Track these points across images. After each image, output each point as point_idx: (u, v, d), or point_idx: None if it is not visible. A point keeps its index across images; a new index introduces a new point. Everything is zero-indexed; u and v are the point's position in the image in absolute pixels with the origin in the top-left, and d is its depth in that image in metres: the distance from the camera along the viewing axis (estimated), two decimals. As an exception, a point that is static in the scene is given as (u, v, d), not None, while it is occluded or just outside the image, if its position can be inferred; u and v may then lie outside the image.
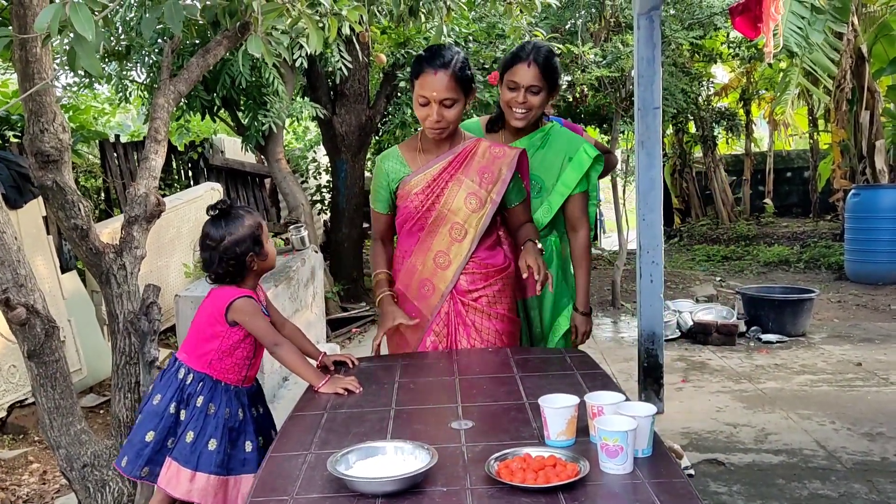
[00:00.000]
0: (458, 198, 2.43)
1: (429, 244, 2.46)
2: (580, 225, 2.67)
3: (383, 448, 1.54)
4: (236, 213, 2.24)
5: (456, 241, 2.44)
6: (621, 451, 1.43)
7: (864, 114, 8.96)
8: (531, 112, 2.58)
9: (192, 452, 2.16)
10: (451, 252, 2.44)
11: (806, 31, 6.08)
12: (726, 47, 10.67)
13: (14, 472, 3.78)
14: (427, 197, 2.43)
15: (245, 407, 2.27)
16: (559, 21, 8.60)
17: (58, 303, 4.56)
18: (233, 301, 2.18)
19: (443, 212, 2.43)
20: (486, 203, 2.43)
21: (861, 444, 3.63)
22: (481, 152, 2.46)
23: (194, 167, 7.87)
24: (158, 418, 2.20)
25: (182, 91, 2.98)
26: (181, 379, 2.22)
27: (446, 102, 2.32)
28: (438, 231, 2.45)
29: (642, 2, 3.86)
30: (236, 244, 2.20)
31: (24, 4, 2.49)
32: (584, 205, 2.67)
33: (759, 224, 12.66)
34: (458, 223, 2.43)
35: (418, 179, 2.44)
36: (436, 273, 2.46)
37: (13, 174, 4.41)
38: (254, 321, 2.19)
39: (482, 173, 2.43)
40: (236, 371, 2.25)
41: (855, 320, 6.48)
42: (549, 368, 2.17)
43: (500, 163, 2.45)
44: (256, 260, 2.24)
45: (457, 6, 3.89)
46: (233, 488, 2.22)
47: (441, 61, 2.30)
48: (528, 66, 2.52)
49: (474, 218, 2.43)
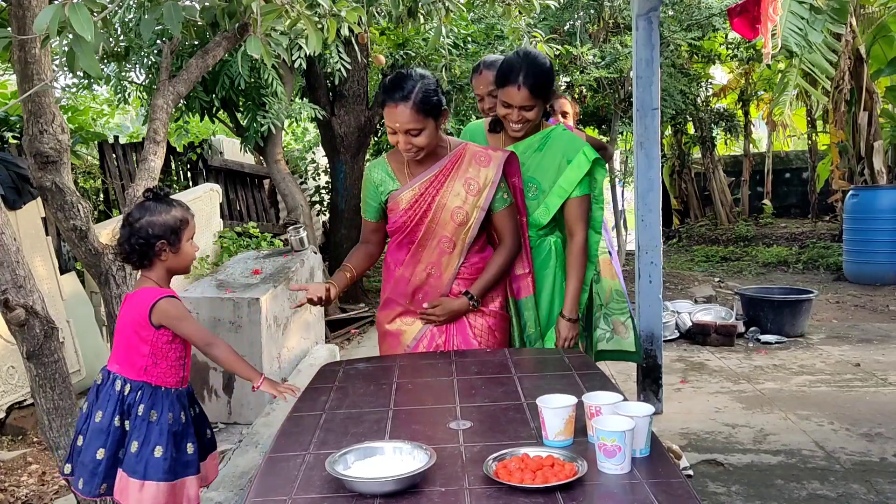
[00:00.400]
0: (444, 213, 2.45)
1: (419, 257, 2.50)
2: (576, 229, 2.64)
3: (382, 448, 1.54)
4: (167, 202, 2.23)
5: (446, 252, 2.48)
6: (619, 451, 1.44)
7: (863, 115, 8.97)
8: (528, 124, 2.60)
9: (137, 462, 2.14)
10: (442, 263, 2.49)
11: (805, 31, 6.09)
12: (725, 48, 10.69)
13: (13, 474, 3.78)
14: (415, 213, 2.46)
15: (185, 409, 2.26)
16: (558, 22, 8.61)
17: (57, 304, 4.56)
18: (155, 303, 2.15)
19: (431, 227, 2.46)
20: (472, 214, 2.45)
21: (859, 445, 3.63)
22: (467, 161, 2.47)
23: (193, 168, 7.86)
24: (105, 434, 2.17)
25: (181, 92, 2.98)
26: (119, 391, 2.19)
27: (412, 132, 2.33)
28: (428, 244, 2.49)
29: (641, 3, 3.87)
30: (151, 226, 2.18)
31: (23, 5, 2.49)
32: (582, 209, 2.64)
33: (757, 225, 12.67)
34: (446, 237, 2.47)
35: (406, 195, 2.46)
36: (428, 282, 2.50)
37: (12, 175, 4.41)
38: (181, 324, 2.17)
39: (468, 183, 2.45)
40: (173, 374, 2.23)
41: (853, 321, 6.49)
42: (547, 369, 2.17)
43: (486, 170, 2.46)
44: (168, 251, 2.20)
45: (455, 7, 3.89)
46: (179, 491, 2.21)
47: (401, 94, 2.30)
48: (517, 89, 2.51)
49: (461, 231, 2.47)
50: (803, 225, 12.36)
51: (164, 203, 2.23)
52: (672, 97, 8.74)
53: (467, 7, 6.52)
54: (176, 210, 2.23)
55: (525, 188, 2.63)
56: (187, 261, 2.28)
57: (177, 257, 2.24)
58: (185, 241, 2.24)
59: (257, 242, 6.29)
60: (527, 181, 2.64)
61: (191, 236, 2.26)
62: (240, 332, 4.17)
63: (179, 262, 2.25)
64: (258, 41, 2.18)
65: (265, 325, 4.22)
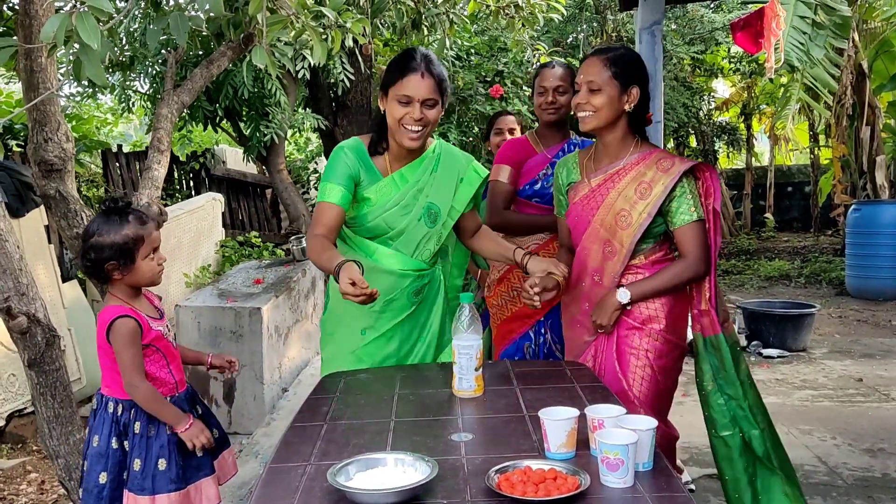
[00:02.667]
0: (610, 215, 2.39)
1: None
2: (480, 222, 2.54)
3: (383, 460, 1.54)
4: (122, 219, 2.13)
5: (609, 258, 2.44)
6: (622, 464, 1.43)
7: (865, 129, 8.99)
8: (427, 129, 2.27)
9: (143, 479, 2.12)
10: (605, 268, 2.43)
11: (807, 46, 6.10)
12: (727, 62, 10.74)
13: (12, 482, 3.76)
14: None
15: (186, 412, 2.23)
16: (561, 35, 8.65)
17: (58, 312, 4.56)
18: (112, 322, 2.11)
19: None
20: (638, 220, 2.37)
21: (862, 460, 3.61)
22: (649, 164, 2.39)
23: (196, 177, 7.89)
24: (105, 458, 2.15)
25: (185, 101, 3.00)
26: (112, 413, 2.17)
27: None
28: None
29: (644, 17, 3.89)
30: (97, 248, 2.10)
31: (30, 14, 2.51)
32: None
33: (759, 238, 12.68)
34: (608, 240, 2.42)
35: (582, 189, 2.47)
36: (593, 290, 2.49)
37: (15, 183, 4.43)
38: (122, 351, 2.10)
39: (641, 187, 2.37)
40: (160, 384, 2.20)
41: (856, 336, 6.47)
42: (549, 381, 2.16)
43: (665, 177, 2.33)
44: (123, 271, 2.13)
45: (459, 20, 3.91)
46: (195, 496, 2.20)
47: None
48: (421, 76, 2.21)
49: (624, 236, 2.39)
50: (805, 239, 12.36)
51: (117, 219, 2.12)
52: (675, 110, 8.77)
53: (471, 19, 6.54)
54: (128, 227, 2.11)
55: (427, 218, 2.35)
56: (146, 277, 2.18)
57: (133, 275, 2.15)
58: (142, 259, 2.14)
59: (259, 252, 6.29)
60: (427, 208, 2.35)
61: (149, 252, 2.16)
62: (241, 342, 4.16)
63: (137, 279, 2.17)
64: (263, 51, 2.19)
65: (266, 334, 4.22)
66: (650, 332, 2.36)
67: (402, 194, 2.31)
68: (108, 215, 2.15)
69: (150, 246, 2.18)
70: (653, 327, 2.37)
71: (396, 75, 2.22)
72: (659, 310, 2.37)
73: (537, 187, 3.00)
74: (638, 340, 2.36)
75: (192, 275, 5.62)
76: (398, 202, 2.31)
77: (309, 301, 4.94)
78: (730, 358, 2.41)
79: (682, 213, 2.33)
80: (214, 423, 2.39)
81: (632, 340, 2.37)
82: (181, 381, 2.27)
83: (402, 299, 2.37)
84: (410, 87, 2.20)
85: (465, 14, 4.01)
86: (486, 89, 6.58)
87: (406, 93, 2.20)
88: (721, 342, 2.40)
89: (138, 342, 2.13)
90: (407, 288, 2.37)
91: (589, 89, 2.32)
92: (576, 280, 2.46)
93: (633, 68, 2.34)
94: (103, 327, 2.13)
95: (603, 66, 2.31)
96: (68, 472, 2.62)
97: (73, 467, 2.62)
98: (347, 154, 2.29)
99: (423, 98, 2.21)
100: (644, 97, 2.37)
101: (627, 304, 2.34)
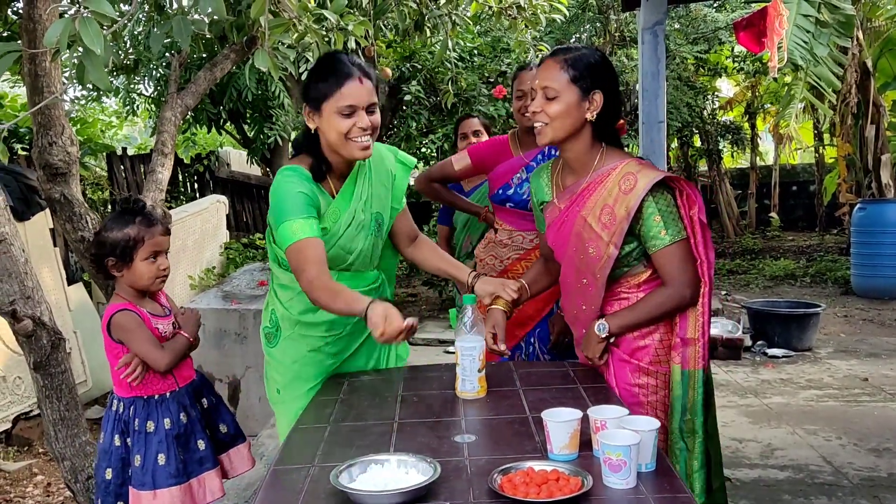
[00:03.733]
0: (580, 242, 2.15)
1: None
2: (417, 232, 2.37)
3: (386, 461, 1.54)
4: (130, 218, 2.16)
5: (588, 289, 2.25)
6: (624, 465, 1.43)
7: (870, 128, 8.96)
8: (375, 135, 2.10)
9: (144, 474, 2.15)
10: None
11: (811, 44, 6.09)
12: (731, 61, 10.71)
13: (18, 484, 3.78)
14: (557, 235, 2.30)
15: (187, 407, 2.25)
16: (564, 35, 8.65)
17: (64, 315, 4.57)
18: (111, 317, 2.15)
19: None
20: (605, 253, 2.12)
21: (868, 460, 3.60)
22: (613, 181, 2.12)
23: (200, 180, 7.91)
24: (108, 455, 2.20)
25: (189, 104, 3.01)
26: (115, 410, 2.21)
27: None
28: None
29: (647, 16, 3.89)
30: (100, 243, 2.16)
31: (34, 19, 2.52)
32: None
33: (764, 238, 12.65)
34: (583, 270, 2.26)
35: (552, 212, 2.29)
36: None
37: (21, 186, 4.45)
38: (132, 339, 2.13)
39: (604, 213, 2.12)
40: (159, 379, 2.21)
41: (861, 335, 6.45)
42: (552, 382, 2.16)
43: (627, 199, 2.06)
44: (120, 268, 2.16)
45: (462, 21, 3.92)
46: (198, 490, 2.22)
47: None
48: (360, 81, 2.04)
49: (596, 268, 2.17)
50: (810, 238, 12.32)
51: (124, 219, 2.17)
52: (678, 110, 8.76)
53: (473, 20, 6.55)
54: (132, 227, 2.14)
55: (375, 229, 2.21)
56: (142, 279, 2.19)
57: (130, 275, 2.18)
58: (140, 260, 2.16)
59: (263, 254, 6.31)
60: (374, 219, 2.19)
61: (149, 255, 2.17)
62: (245, 344, 4.17)
63: (133, 279, 2.19)
64: (266, 54, 2.20)
65: (271, 336, 4.22)
66: (638, 365, 2.12)
67: (350, 212, 2.14)
68: (122, 214, 2.20)
69: (151, 249, 2.18)
70: (641, 359, 2.12)
71: (332, 86, 2.02)
72: (647, 339, 2.12)
73: (510, 192, 2.89)
74: (629, 375, 2.12)
75: (196, 277, 5.64)
76: (349, 222, 2.14)
77: (313, 303, 4.95)
78: (700, 402, 2.09)
79: (654, 237, 2.05)
80: (227, 418, 2.40)
81: (623, 374, 2.13)
82: (183, 377, 2.28)
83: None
84: (353, 96, 2.01)
85: (467, 15, 4.02)
86: (489, 90, 6.59)
87: (348, 103, 2.01)
88: (698, 380, 2.09)
89: (144, 326, 2.17)
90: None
91: (545, 96, 2.06)
92: (567, 304, 2.28)
93: (595, 71, 2.05)
94: (103, 322, 2.18)
95: (560, 70, 2.04)
96: (74, 475, 2.63)
97: (79, 469, 2.63)
98: (302, 184, 2.06)
99: (367, 104, 2.04)
100: (612, 103, 2.09)
101: (608, 336, 2.12)
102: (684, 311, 2.10)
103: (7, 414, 4.18)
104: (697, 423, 2.09)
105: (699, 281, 2.08)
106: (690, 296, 2.07)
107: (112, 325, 2.15)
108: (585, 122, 2.07)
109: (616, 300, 2.16)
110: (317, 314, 2.16)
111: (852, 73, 8.54)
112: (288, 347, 2.24)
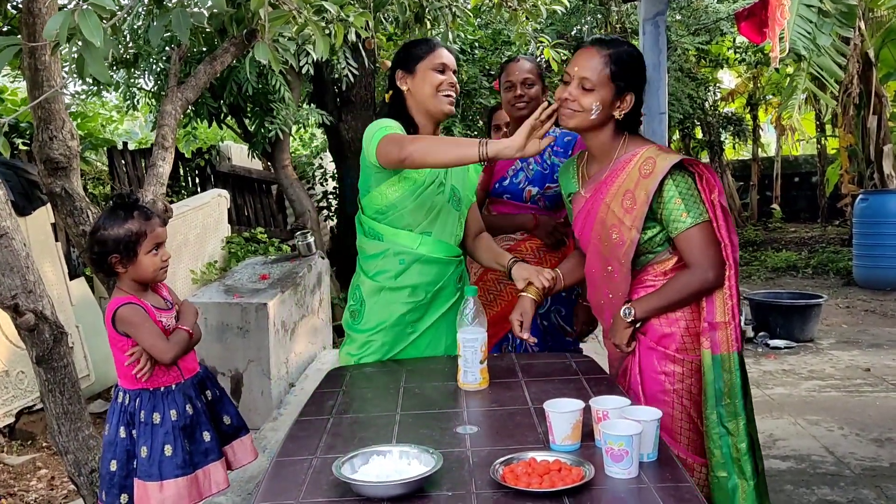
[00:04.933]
0: (603, 229, 2.25)
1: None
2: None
3: (389, 452, 1.54)
4: (126, 214, 2.17)
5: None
6: (626, 455, 1.43)
7: (872, 118, 8.94)
8: (456, 97, 2.49)
9: (150, 465, 2.15)
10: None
11: (813, 34, 6.07)
12: (733, 52, 10.68)
13: (22, 478, 3.79)
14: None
15: (192, 399, 2.26)
16: (565, 27, 8.63)
17: (66, 309, 4.58)
18: (115, 311, 2.15)
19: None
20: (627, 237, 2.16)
21: (869, 450, 3.61)
22: (634, 166, 2.20)
23: (201, 174, 7.90)
24: (113, 446, 2.20)
25: (189, 98, 3.00)
26: (121, 403, 2.22)
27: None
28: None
29: (648, 7, 3.87)
30: (101, 241, 2.16)
31: (34, 13, 2.52)
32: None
33: (766, 229, 12.64)
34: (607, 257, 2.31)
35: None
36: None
37: (22, 181, 4.44)
38: (138, 332, 2.15)
39: (626, 198, 2.23)
40: (164, 371, 2.22)
41: (863, 326, 6.45)
42: (554, 373, 2.17)
43: (646, 182, 2.15)
44: (125, 264, 2.17)
45: (462, 13, 3.90)
46: (204, 481, 2.23)
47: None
48: (447, 49, 2.41)
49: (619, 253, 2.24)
50: (813, 229, 12.31)
51: (123, 213, 2.18)
52: (680, 101, 8.74)
53: (474, 12, 6.53)
54: (132, 222, 2.16)
55: (454, 200, 2.39)
56: (147, 272, 2.20)
57: (135, 269, 2.19)
58: (144, 254, 2.18)
59: (265, 248, 6.31)
60: (452, 190, 2.39)
61: (151, 247, 2.19)
62: (247, 337, 4.18)
63: (139, 273, 2.20)
64: (266, 47, 2.19)
65: (273, 330, 4.23)
66: (665, 353, 2.12)
67: (434, 171, 2.32)
68: (115, 210, 2.19)
69: (153, 241, 2.20)
70: (668, 347, 2.12)
71: (428, 49, 2.34)
72: (674, 326, 2.12)
73: (506, 183, 2.97)
74: (655, 363, 2.13)
75: (198, 271, 5.64)
76: (434, 180, 2.32)
77: (315, 296, 4.95)
78: (739, 384, 2.10)
79: (675, 220, 2.06)
80: (231, 410, 2.41)
81: (650, 362, 2.14)
82: (188, 369, 2.29)
83: (449, 287, 2.38)
84: (444, 56, 2.33)
85: (468, 7, 4.01)
86: (489, 83, 6.57)
87: (442, 61, 2.32)
88: (734, 363, 2.08)
89: (149, 319, 2.18)
90: (452, 276, 2.39)
91: (581, 86, 2.08)
92: (593, 293, 2.29)
93: (633, 72, 2.11)
94: (107, 316, 2.18)
95: (602, 63, 2.07)
96: (77, 468, 2.64)
97: (83, 463, 2.63)
98: (398, 125, 2.31)
99: (454, 67, 2.35)
100: (639, 102, 2.16)
101: (634, 321, 2.13)
102: (710, 293, 2.09)
103: (10, 408, 4.19)
104: (738, 406, 2.10)
105: (723, 263, 2.07)
106: (714, 277, 2.06)
107: (117, 318, 2.16)
108: (612, 118, 2.13)
109: (642, 287, 2.17)
110: (399, 279, 2.33)
111: (854, 63, 8.52)
112: (371, 317, 2.38)
